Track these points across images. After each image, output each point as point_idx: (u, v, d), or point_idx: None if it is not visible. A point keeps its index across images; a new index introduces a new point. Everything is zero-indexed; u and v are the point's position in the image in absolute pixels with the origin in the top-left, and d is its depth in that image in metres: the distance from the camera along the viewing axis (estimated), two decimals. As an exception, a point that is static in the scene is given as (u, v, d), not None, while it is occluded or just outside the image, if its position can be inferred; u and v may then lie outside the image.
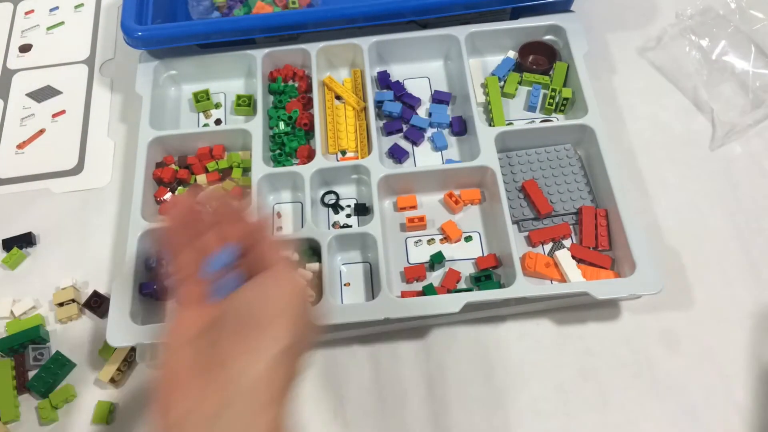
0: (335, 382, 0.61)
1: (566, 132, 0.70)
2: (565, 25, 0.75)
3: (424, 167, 0.70)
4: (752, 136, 0.73)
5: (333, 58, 0.78)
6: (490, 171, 0.67)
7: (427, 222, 0.67)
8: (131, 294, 0.61)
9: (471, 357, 0.62)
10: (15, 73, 0.85)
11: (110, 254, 0.69)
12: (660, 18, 0.82)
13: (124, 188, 0.73)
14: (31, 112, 0.81)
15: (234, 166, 0.71)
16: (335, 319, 0.59)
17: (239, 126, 0.72)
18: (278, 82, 0.76)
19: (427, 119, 0.74)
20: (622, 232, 0.62)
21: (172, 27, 0.75)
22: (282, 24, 0.73)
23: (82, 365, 0.63)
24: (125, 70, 0.81)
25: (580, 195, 0.67)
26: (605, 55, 0.80)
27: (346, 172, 0.69)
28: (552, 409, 0.59)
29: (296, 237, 0.65)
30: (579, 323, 0.63)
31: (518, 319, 0.63)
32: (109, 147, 0.77)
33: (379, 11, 0.72)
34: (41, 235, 0.71)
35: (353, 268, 0.66)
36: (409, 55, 0.78)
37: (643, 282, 0.59)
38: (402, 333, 0.63)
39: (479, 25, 0.76)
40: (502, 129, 0.69)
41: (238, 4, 0.81)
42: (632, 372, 0.60)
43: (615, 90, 0.77)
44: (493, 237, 0.67)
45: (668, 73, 0.78)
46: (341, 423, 0.59)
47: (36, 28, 0.89)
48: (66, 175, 0.75)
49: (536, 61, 0.77)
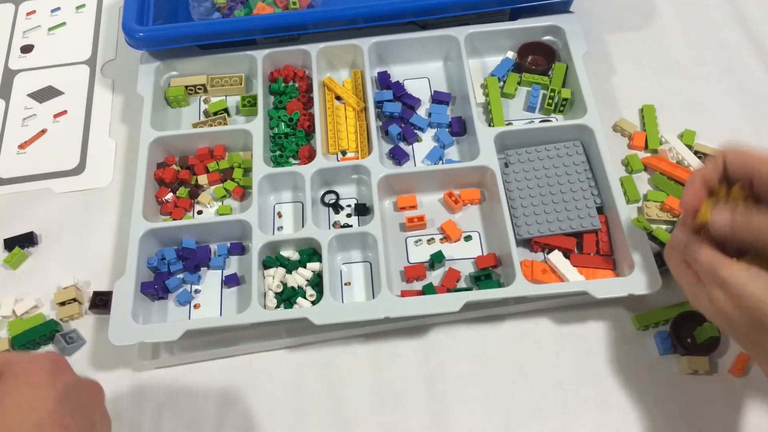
0: (335, 381, 0.61)
1: (566, 132, 0.70)
2: (564, 25, 0.75)
3: (424, 167, 0.70)
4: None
5: (333, 59, 0.78)
6: (489, 171, 0.67)
7: (426, 222, 0.68)
8: (133, 294, 0.61)
9: (471, 356, 0.62)
10: (17, 73, 0.85)
11: (111, 254, 0.69)
12: (660, 18, 0.83)
13: (125, 188, 0.74)
14: (32, 113, 0.81)
15: (235, 167, 0.72)
16: (336, 319, 0.59)
17: (240, 126, 0.72)
18: (279, 83, 0.76)
19: (427, 119, 0.74)
20: (621, 232, 0.62)
21: (173, 28, 0.75)
22: (282, 25, 0.73)
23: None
24: (126, 71, 0.81)
25: (586, 204, 0.66)
26: (604, 55, 0.80)
27: (346, 172, 0.70)
28: (552, 408, 0.59)
29: (297, 237, 0.65)
30: (578, 323, 0.63)
31: (518, 319, 0.64)
32: (110, 147, 0.77)
33: (379, 12, 0.72)
34: (43, 235, 0.71)
35: (353, 268, 0.66)
36: (409, 55, 0.78)
37: (642, 281, 0.59)
38: (402, 332, 0.63)
39: (478, 26, 0.76)
40: (502, 129, 0.69)
41: (238, 5, 0.81)
42: (632, 371, 0.60)
43: (614, 90, 0.77)
44: (493, 237, 0.67)
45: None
46: (341, 423, 0.60)
47: (37, 29, 0.89)
48: (67, 175, 0.76)
49: (535, 61, 0.77)
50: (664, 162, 0.70)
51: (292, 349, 0.63)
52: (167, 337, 0.59)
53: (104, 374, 0.62)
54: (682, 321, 0.60)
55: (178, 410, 0.61)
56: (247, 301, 0.61)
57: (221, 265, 0.67)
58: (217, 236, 0.68)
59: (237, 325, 0.61)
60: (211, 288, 0.66)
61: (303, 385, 0.61)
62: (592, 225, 0.65)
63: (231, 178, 0.72)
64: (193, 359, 0.63)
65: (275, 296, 0.63)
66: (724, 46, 0.80)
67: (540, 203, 0.66)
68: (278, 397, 0.61)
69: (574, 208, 0.66)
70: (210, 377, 0.62)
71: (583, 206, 0.66)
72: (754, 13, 0.83)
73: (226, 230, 0.67)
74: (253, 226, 0.65)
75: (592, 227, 0.65)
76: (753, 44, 0.80)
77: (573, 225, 0.65)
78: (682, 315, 0.60)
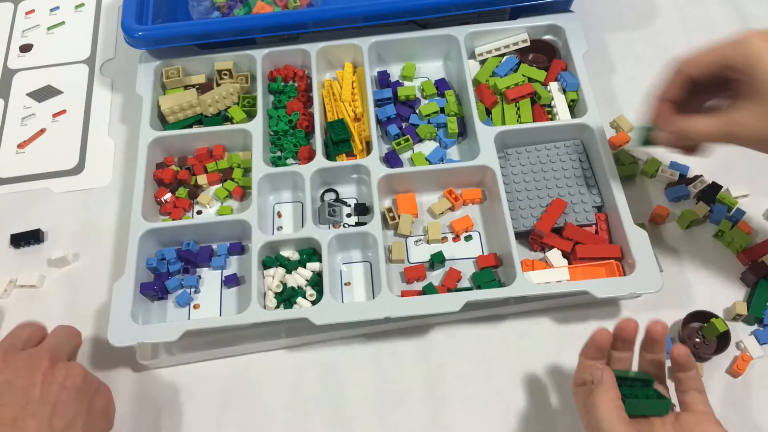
0: (335, 381, 0.61)
1: (566, 131, 0.70)
2: (565, 25, 0.75)
3: (424, 167, 0.70)
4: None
5: (333, 59, 0.78)
6: (490, 171, 0.67)
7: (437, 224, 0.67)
8: (132, 294, 0.61)
9: (471, 356, 0.62)
10: (15, 72, 0.85)
11: (111, 254, 0.69)
12: (660, 18, 0.83)
13: (124, 188, 0.73)
14: (31, 112, 0.81)
15: (234, 167, 0.72)
16: (336, 319, 0.59)
17: (239, 126, 0.72)
18: (278, 82, 0.76)
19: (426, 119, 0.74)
20: (622, 232, 0.62)
21: (172, 27, 0.75)
22: (282, 24, 0.73)
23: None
24: (126, 70, 0.81)
25: (584, 201, 0.67)
26: (605, 54, 0.80)
27: (346, 172, 0.69)
28: (552, 409, 0.59)
29: (296, 236, 0.65)
30: (579, 322, 0.63)
31: (518, 318, 0.64)
32: (109, 147, 0.77)
33: (379, 11, 0.72)
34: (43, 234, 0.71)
35: (353, 268, 0.66)
36: (409, 55, 0.78)
37: (642, 281, 0.59)
38: (402, 332, 0.63)
39: (478, 25, 0.76)
40: (502, 128, 0.69)
41: (238, 4, 0.81)
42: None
43: (615, 90, 0.77)
44: (494, 236, 0.67)
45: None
46: (341, 423, 0.60)
47: (36, 28, 0.89)
48: (66, 174, 0.75)
49: (536, 59, 0.77)
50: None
51: (292, 349, 0.63)
52: (167, 338, 0.59)
53: (104, 374, 0.62)
54: (690, 319, 0.61)
55: (177, 410, 0.61)
56: (247, 301, 0.61)
57: (221, 265, 0.66)
58: (217, 236, 0.68)
59: (237, 325, 0.61)
60: (211, 288, 0.66)
61: (303, 386, 0.61)
62: (587, 220, 0.65)
63: (230, 178, 0.71)
64: (192, 359, 0.63)
65: (275, 296, 0.63)
66: (725, 45, 0.80)
67: (538, 200, 0.67)
68: (278, 397, 0.61)
69: (573, 208, 0.66)
70: (210, 377, 0.62)
71: (582, 204, 0.66)
72: (755, 13, 0.83)
73: (226, 230, 0.67)
74: (253, 226, 0.65)
75: (587, 222, 0.65)
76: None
77: (568, 219, 0.65)
78: (691, 314, 0.61)
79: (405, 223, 0.67)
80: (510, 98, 0.72)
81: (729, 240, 0.65)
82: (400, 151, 0.72)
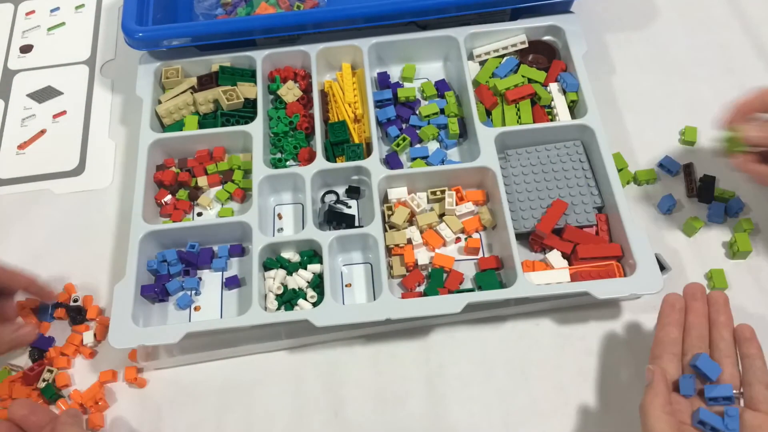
0: (336, 382, 0.61)
1: (566, 132, 0.70)
2: (564, 26, 0.75)
3: (425, 168, 0.70)
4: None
5: (333, 60, 0.78)
6: (490, 172, 0.67)
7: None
8: (133, 296, 0.61)
9: (471, 357, 0.62)
10: (16, 73, 0.85)
11: (111, 256, 0.69)
12: (660, 19, 0.83)
13: (125, 189, 0.73)
14: (32, 113, 0.81)
15: (235, 169, 0.72)
16: (337, 320, 0.59)
17: (239, 128, 0.72)
18: (277, 82, 0.76)
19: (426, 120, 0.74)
20: (622, 232, 0.62)
21: (172, 28, 0.75)
22: (282, 25, 0.73)
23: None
24: (126, 71, 0.81)
25: (584, 201, 0.67)
26: (605, 55, 0.80)
27: (346, 174, 0.70)
28: (552, 409, 0.59)
29: (297, 238, 0.65)
30: (579, 323, 0.63)
31: (519, 319, 0.64)
32: (110, 148, 0.77)
33: (379, 12, 0.72)
34: (43, 235, 0.71)
35: (354, 269, 0.66)
36: (409, 56, 0.78)
37: (643, 282, 0.59)
38: (403, 333, 0.63)
39: (479, 26, 0.76)
40: (502, 129, 0.69)
41: (242, 3, 0.81)
42: (632, 372, 0.60)
43: (615, 90, 0.77)
44: (494, 237, 0.67)
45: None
46: (341, 423, 0.60)
47: (37, 29, 0.89)
48: (67, 176, 0.75)
49: (536, 60, 0.77)
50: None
51: (293, 350, 0.63)
52: (167, 340, 0.59)
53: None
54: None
55: (178, 411, 0.61)
56: (248, 302, 0.61)
57: (222, 266, 0.67)
58: (218, 238, 0.68)
59: (237, 327, 0.61)
60: (212, 290, 0.66)
61: (303, 386, 0.61)
62: (588, 220, 0.65)
63: (231, 179, 0.71)
64: (193, 360, 0.63)
65: (276, 298, 0.63)
66: (725, 46, 0.80)
67: (538, 201, 0.67)
68: (278, 398, 0.61)
69: (573, 208, 0.66)
70: (210, 378, 0.62)
71: (582, 205, 0.66)
72: (754, 13, 0.83)
73: (227, 232, 0.67)
74: (254, 227, 0.65)
75: (588, 222, 0.65)
76: (753, 44, 0.80)
77: (569, 219, 0.65)
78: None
79: (400, 215, 0.66)
80: (510, 99, 0.72)
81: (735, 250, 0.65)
82: (399, 151, 0.72)
